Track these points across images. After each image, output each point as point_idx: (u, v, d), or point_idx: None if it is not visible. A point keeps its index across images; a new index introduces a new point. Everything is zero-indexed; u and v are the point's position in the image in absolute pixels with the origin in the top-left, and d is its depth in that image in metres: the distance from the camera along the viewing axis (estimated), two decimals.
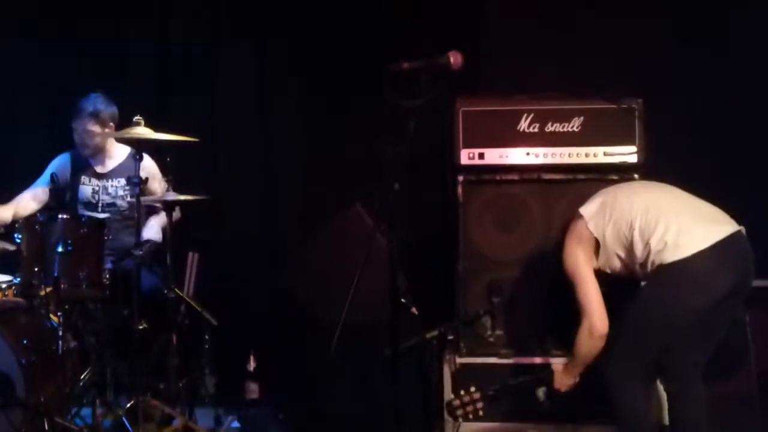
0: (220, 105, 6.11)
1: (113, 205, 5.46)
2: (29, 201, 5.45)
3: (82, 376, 4.83)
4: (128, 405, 4.78)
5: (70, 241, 4.65)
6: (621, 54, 5.47)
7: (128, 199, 5.41)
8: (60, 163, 5.54)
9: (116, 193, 5.47)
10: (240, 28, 6.09)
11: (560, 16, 5.58)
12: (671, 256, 4.04)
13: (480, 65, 4.12)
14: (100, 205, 5.47)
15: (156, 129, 4.89)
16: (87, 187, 5.50)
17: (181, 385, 5.03)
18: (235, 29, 6.10)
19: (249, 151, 6.09)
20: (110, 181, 5.50)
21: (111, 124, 5.39)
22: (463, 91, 4.86)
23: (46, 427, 4.36)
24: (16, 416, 4.26)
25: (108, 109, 5.40)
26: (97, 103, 5.39)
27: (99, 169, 5.53)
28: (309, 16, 5.93)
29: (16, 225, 4.82)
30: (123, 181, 5.46)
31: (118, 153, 5.55)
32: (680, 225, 4.09)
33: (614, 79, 5.36)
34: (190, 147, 5.04)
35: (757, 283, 4.29)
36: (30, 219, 4.81)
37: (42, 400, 4.40)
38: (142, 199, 4.94)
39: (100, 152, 5.49)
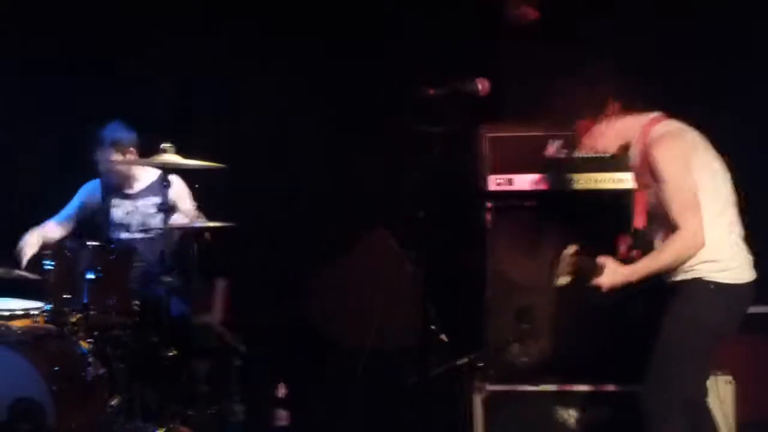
0: (243, 132, 6.13)
1: (145, 224, 5.50)
2: (56, 228, 5.53)
3: (111, 403, 4.83)
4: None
5: (99, 268, 4.68)
6: (645, 73, 5.40)
7: (159, 217, 5.43)
8: (90, 189, 5.61)
9: (146, 211, 5.52)
10: (262, 56, 6.11)
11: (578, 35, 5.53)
12: (728, 276, 3.88)
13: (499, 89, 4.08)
14: (132, 225, 5.52)
15: (183, 156, 4.92)
16: (118, 209, 5.56)
17: (210, 412, 5.03)
18: (258, 56, 6.12)
19: (273, 177, 6.10)
20: (140, 200, 5.55)
21: (132, 149, 5.45)
22: (483, 116, 4.85)
23: None
24: None
25: (127, 136, 5.47)
26: (117, 131, 5.47)
27: (129, 191, 5.59)
28: (332, 43, 5.95)
29: (44, 252, 4.84)
30: (153, 200, 5.48)
31: (146, 173, 5.60)
32: (737, 238, 3.96)
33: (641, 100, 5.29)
34: (215, 174, 5.07)
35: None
36: (60, 246, 4.84)
37: (72, 426, 4.41)
38: (173, 223, 4.96)
39: (126, 178, 5.55)
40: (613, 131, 4.08)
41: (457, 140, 4.00)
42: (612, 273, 3.91)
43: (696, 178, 3.87)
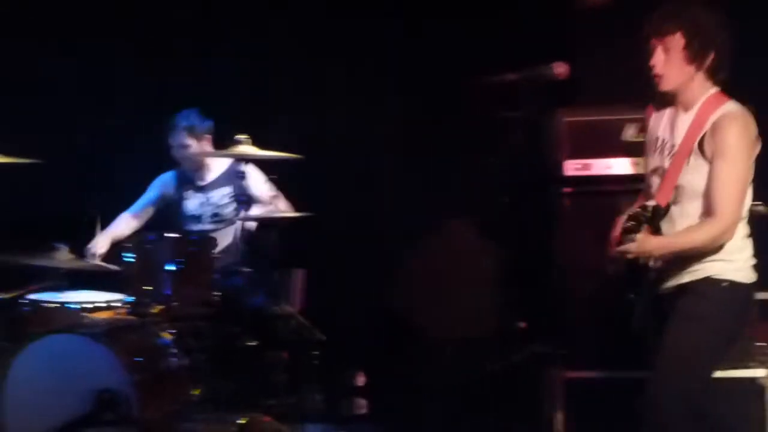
0: (320, 122, 6.13)
1: (217, 215, 5.55)
2: (130, 220, 5.61)
3: (192, 393, 4.88)
4: (239, 422, 4.82)
5: (179, 260, 4.73)
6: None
7: (232, 207, 5.50)
8: (164, 181, 5.67)
9: (219, 202, 5.56)
10: (335, 44, 6.10)
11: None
12: (741, 275, 3.73)
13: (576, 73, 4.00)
14: (205, 216, 5.57)
15: (259, 146, 4.93)
16: (192, 201, 5.61)
17: (289, 401, 5.05)
18: (330, 45, 6.11)
19: (351, 167, 6.09)
20: (213, 191, 5.59)
21: (207, 137, 5.49)
22: (560, 101, 4.79)
23: None
24: None
25: (203, 123, 5.51)
26: (191, 117, 5.51)
27: (201, 182, 5.64)
28: (408, 29, 5.92)
29: (125, 245, 4.90)
30: (225, 190, 5.54)
31: (218, 163, 5.64)
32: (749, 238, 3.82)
33: None
34: (292, 165, 5.08)
35: None
36: (140, 239, 4.89)
37: (154, 416, 4.46)
38: (250, 215, 4.98)
39: (199, 166, 5.59)
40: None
41: (535, 126, 3.96)
42: (641, 241, 3.68)
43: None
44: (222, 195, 5.55)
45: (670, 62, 3.73)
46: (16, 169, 5.03)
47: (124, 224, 5.58)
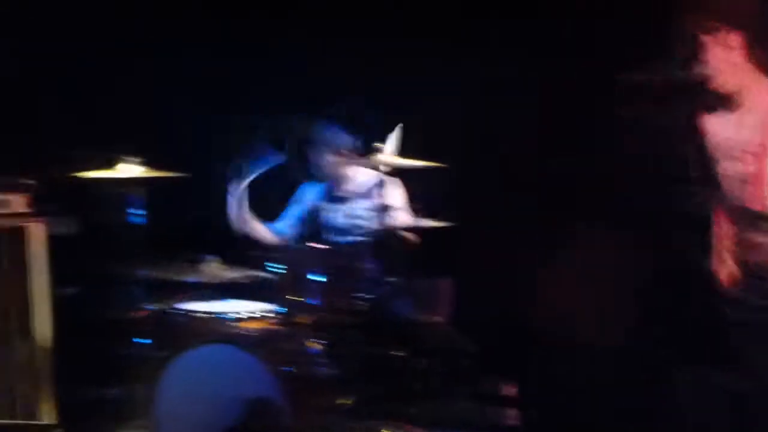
0: (458, 129, 6.05)
1: (360, 226, 5.56)
2: (281, 225, 5.69)
3: (341, 403, 4.90)
4: (384, 431, 4.82)
5: (329, 270, 4.75)
6: None
7: (374, 219, 5.49)
8: (311, 194, 5.72)
9: (363, 213, 5.58)
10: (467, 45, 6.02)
11: None
12: None
13: None
14: (348, 228, 5.60)
15: (397, 155, 4.91)
16: (335, 213, 5.64)
17: (437, 411, 5.02)
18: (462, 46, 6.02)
19: (494, 176, 6.01)
20: (355, 203, 5.62)
21: (348, 149, 5.51)
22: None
23: None
24: None
25: (344, 137, 5.53)
26: (331, 131, 5.53)
27: (344, 194, 5.67)
28: (544, 28, 5.81)
29: (276, 255, 4.95)
30: (368, 202, 5.54)
31: (359, 175, 5.65)
32: None
33: None
34: (435, 173, 5.03)
35: None
36: (291, 249, 4.94)
37: (304, 426, 4.49)
38: (393, 224, 4.97)
39: (341, 180, 5.63)
40: None
41: (675, 128, 3.81)
42: None
43: None
44: (365, 206, 5.56)
45: (728, 61, 3.53)
46: (166, 183, 5.18)
47: (270, 233, 5.67)
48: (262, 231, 5.64)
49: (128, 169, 5.04)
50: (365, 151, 5.18)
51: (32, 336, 5.90)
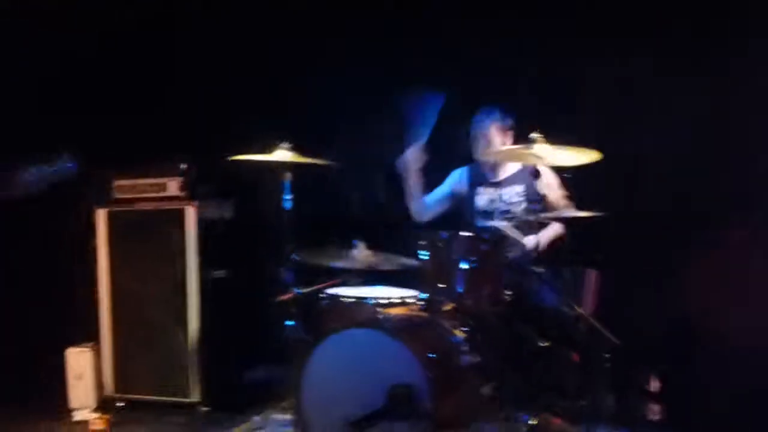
0: (612, 119, 5.92)
1: (508, 212, 5.55)
2: (426, 207, 5.74)
3: (483, 391, 4.89)
4: (530, 422, 4.79)
5: (472, 258, 4.74)
6: None
7: (523, 206, 5.48)
8: (458, 177, 5.73)
9: (510, 200, 5.56)
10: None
11: None
12: None
13: None
14: (495, 213, 5.59)
15: (552, 143, 4.84)
16: (483, 197, 5.64)
17: (581, 403, 4.96)
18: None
19: (647, 166, 5.87)
20: (505, 188, 5.61)
21: (508, 133, 5.50)
22: None
23: None
24: (421, 428, 4.37)
25: (504, 120, 5.52)
26: (494, 114, 5.53)
27: (494, 179, 5.67)
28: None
29: (420, 242, 4.96)
30: (517, 189, 5.55)
31: (508, 162, 5.66)
32: None
33: None
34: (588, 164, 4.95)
35: None
36: (434, 236, 4.94)
37: (446, 413, 4.49)
38: (543, 215, 4.92)
39: (497, 165, 5.62)
40: None
41: None
42: None
43: None
44: (514, 193, 5.56)
45: None
46: (318, 170, 5.26)
47: (421, 203, 5.72)
48: (418, 204, 5.69)
49: (282, 155, 5.14)
50: (522, 139, 5.15)
51: (183, 317, 6.10)
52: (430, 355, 4.54)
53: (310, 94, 6.24)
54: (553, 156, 4.74)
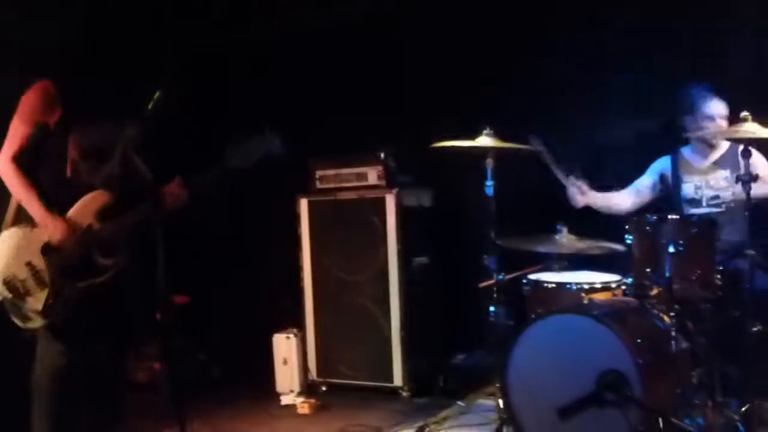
0: None
1: (716, 197, 5.41)
2: (627, 198, 5.66)
3: (693, 377, 4.78)
4: (742, 409, 4.65)
5: (681, 242, 4.62)
6: None
7: (731, 191, 5.32)
8: (662, 165, 5.61)
9: (718, 185, 5.42)
10: None
11: None
12: None
13: None
14: (703, 200, 5.45)
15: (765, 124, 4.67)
16: (689, 185, 5.51)
17: None
18: None
19: None
20: (712, 174, 5.47)
21: (723, 116, 5.36)
22: None
23: (661, 427, 4.37)
24: (632, 415, 4.31)
25: (717, 103, 5.37)
26: (706, 97, 5.38)
27: (699, 165, 5.53)
28: None
29: (626, 226, 4.89)
30: (725, 173, 5.41)
31: (721, 145, 5.51)
32: None
33: None
34: None
35: None
36: (641, 220, 4.85)
37: (656, 400, 4.42)
38: (753, 194, 4.74)
39: (709, 146, 5.50)
40: None
41: None
42: None
43: None
44: (721, 178, 5.41)
45: None
46: (524, 155, 5.24)
47: (621, 198, 5.63)
48: (615, 207, 5.61)
49: (484, 140, 5.14)
50: (732, 120, 5.00)
51: (386, 303, 6.21)
52: (639, 341, 4.47)
53: (512, 76, 6.21)
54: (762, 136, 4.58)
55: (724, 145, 5.48)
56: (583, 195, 5.55)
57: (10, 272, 4.16)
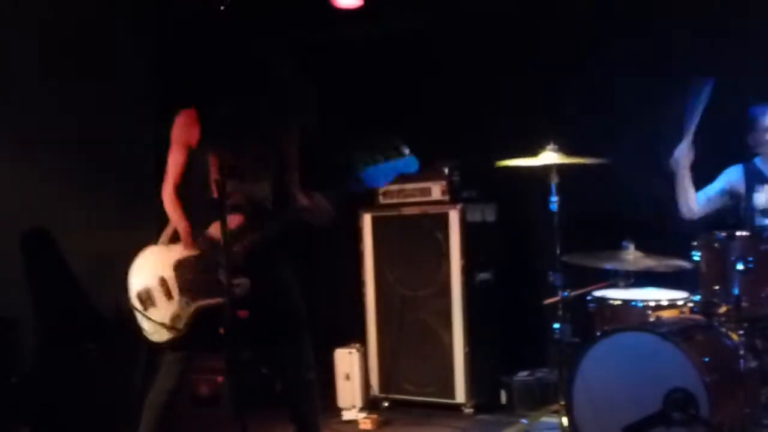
0: None
1: None
2: (699, 201, 5.53)
3: (763, 396, 4.70)
4: None
5: (750, 259, 4.55)
6: None
7: None
8: (733, 175, 5.53)
9: None
10: None
11: None
12: None
13: None
14: None
15: None
16: (761, 195, 5.42)
17: None
18: None
19: None
20: None
21: None
22: None
23: None
24: None
25: None
26: (764, 112, 5.31)
27: None
28: None
29: (693, 243, 4.82)
30: None
31: None
32: None
33: None
34: None
35: None
36: (709, 237, 4.78)
37: (724, 418, 4.35)
38: None
39: None
40: None
41: None
42: None
43: None
44: None
45: None
46: (588, 169, 5.20)
47: (696, 197, 5.53)
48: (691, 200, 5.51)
49: (548, 157, 5.12)
50: None
51: (449, 319, 6.20)
52: (706, 360, 4.40)
53: (578, 92, 6.17)
54: None
55: None
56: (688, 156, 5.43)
57: (144, 286, 4.43)
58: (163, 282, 4.38)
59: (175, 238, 4.49)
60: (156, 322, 4.36)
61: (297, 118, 4.49)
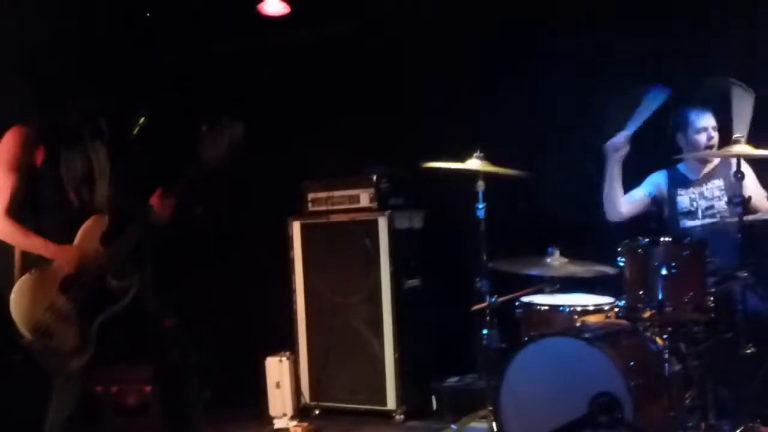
0: None
1: (711, 207, 5.43)
2: (625, 203, 5.60)
3: (686, 400, 4.76)
4: (736, 431, 4.64)
5: (673, 264, 4.61)
6: None
7: (724, 199, 5.35)
8: (656, 181, 5.61)
9: (712, 195, 5.44)
10: None
11: None
12: None
13: None
14: (699, 211, 5.46)
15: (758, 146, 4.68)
16: (684, 197, 5.51)
17: None
18: None
19: None
20: (705, 185, 5.48)
21: (714, 127, 5.39)
22: None
23: None
24: None
25: (708, 116, 5.41)
26: (697, 112, 5.42)
27: (694, 176, 5.54)
28: None
29: (619, 249, 4.88)
30: (717, 183, 5.43)
31: (712, 159, 5.52)
32: None
33: None
34: None
35: None
36: (633, 243, 4.84)
37: (648, 422, 4.41)
38: (746, 217, 4.75)
39: (702, 161, 5.52)
40: None
41: None
42: None
43: None
44: (714, 187, 5.43)
45: None
46: (515, 176, 5.22)
47: (623, 199, 5.60)
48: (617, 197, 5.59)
49: (475, 163, 5.15)
50: (725, 138, 5.01)
51: (378, 326, 6.19)
52: (631, 364, 4.46)
53: (502, 98, 6.21)
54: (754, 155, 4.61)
55: (723, 162, 5.45)
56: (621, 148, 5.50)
57: (34, 320, 4.10)
58: (53, 309, 4.11)
59: (31, 264, 4.17)
60: (66, 353, 4.14)
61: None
